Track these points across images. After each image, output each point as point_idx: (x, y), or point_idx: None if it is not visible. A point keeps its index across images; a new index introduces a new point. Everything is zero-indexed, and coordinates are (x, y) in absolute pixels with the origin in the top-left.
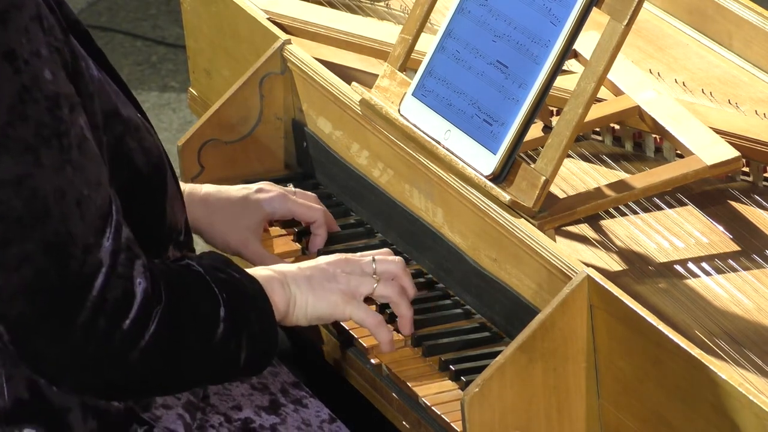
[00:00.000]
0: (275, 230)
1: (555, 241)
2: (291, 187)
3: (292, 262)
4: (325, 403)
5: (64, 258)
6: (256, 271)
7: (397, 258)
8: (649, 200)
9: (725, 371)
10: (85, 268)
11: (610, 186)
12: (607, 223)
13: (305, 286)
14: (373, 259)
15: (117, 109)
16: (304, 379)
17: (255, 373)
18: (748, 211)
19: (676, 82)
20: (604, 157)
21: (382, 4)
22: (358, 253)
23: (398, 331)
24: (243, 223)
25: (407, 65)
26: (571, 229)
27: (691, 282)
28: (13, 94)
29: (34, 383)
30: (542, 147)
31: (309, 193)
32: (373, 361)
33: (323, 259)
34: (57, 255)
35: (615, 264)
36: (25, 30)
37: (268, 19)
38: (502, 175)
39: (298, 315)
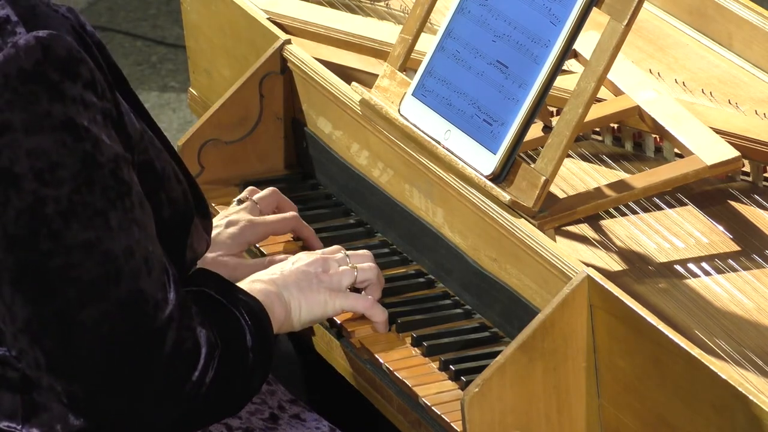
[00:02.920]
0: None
1: (555, 241)
2: (246, 194)
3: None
4: (324, 417)
5: (137, 316)
6: (252, 287)
7: (365, 250)
8: (649, 200)
9: (725, 371)
10: (158, 323)
11: (610, 186)
12: (607, 223)
13: (296, 291)
14: (347, 255)
15: (153, 161)
16: (303, 393)
17: (258, 393)
18: (748, 211)
19: (676, 82)
20: (604, 157)
21: (382, 4)
22: (327, 249)
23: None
24: (221, 259)
25: (407, 65)
26: (571, 229)
27: (691, 282)
28: (76, 162)
29: (49, 425)
30: (542, 147)
31: (266, 192)
32: (383, 364)
33: (301, 261)
34: (131, 314)
35: (615, 264)
36: (82, 99)
37: (268, 19)
38: (502, 175)
39: (292, 321)
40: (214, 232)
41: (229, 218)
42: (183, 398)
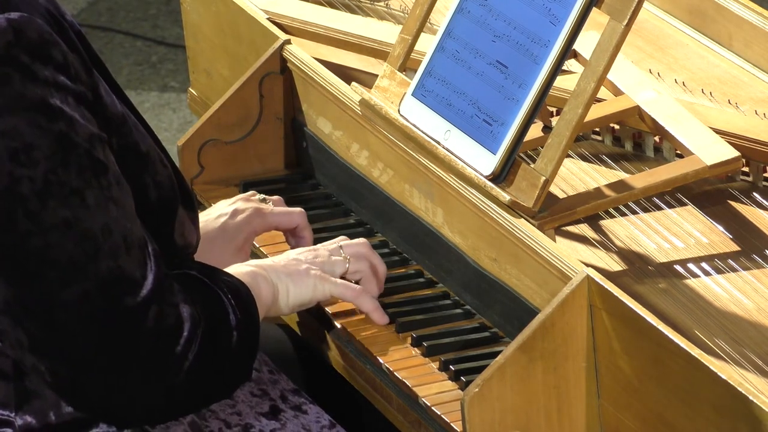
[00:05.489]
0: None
1: (555, 241)
2: (260, 196)
3: None
4: (325, 410)
5: (118, 293)
6: (238, 270)
7: (361, 239)
8: (649, 200)
9: (725, 371)
10: (139, 299)
11: (610, 186)
12: (607, 223)
13: (284, 275)
14: (340, 246)
15: (137, 144)
16: (304, 386)
17: (249, 378)
18: (748, 211)
19: (676, 82)
20: (604, 157)
21: (382, 4)
22: (321, 244)
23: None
24: (227, 255)
25: (407, 65)
26: (571, 229)
27: (691, 282)
28: (51, 143)
29: (43, 412)
30: (542, 147)
31: (276, 197)
32: (383, 364)
33: (293, 253)
34: (111, 291)
35: (615, 264)
36: (54, 81)
37: (268, 19)
38: (502, 175)
39: (280, 305)
40: (220, 221)
41: (235, 206)
42: (167, 373)
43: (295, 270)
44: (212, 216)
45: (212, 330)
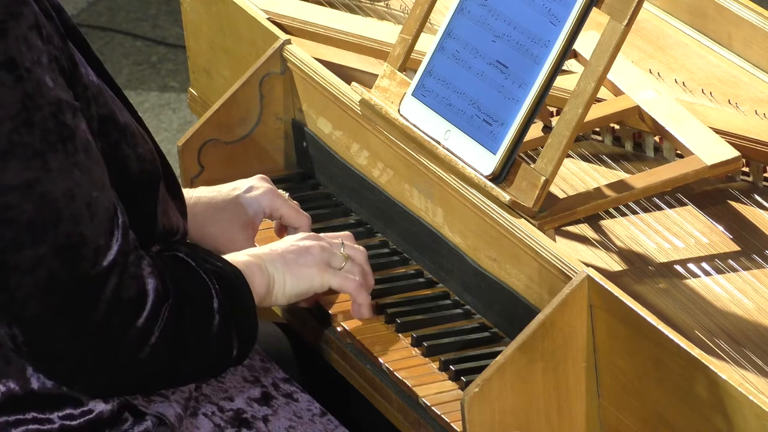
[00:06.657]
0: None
1: (555, 241)
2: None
3: None
4: (316, 399)
5: (76, 259)
6: (234, 258)
7: (362, 247)
8: (649, 200)
9: (725, 371)
10: (98, 268)
11: (610, 186)
12: (607, 223)
13: (281, 266)
14: (342, 243)
15: (114, 114)
16: (296, 376)
17: (239, 363)
18: (748, 211)
19: (676, 82)
20: (604, 157)
21: (382, 4)
22: (324, 233)
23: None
24: (234, 229)
25: (407, 65)
26: (571, 229)
27: (691, 282)
28: (16, 103)
29: (24, 379)
30: (542, 147)
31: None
32: (383, 364)
33: (293, 238)
34: (69, 257)
35: (615, 264)
36: (25, 39)
37: (268, 19)
38: (502, 175)
39: (276, 295)
40: (234, 193)
41: (252, 183)
42: (128, 345)
43: (294, 260)
44: (227, 188)
45: (185, 309)
